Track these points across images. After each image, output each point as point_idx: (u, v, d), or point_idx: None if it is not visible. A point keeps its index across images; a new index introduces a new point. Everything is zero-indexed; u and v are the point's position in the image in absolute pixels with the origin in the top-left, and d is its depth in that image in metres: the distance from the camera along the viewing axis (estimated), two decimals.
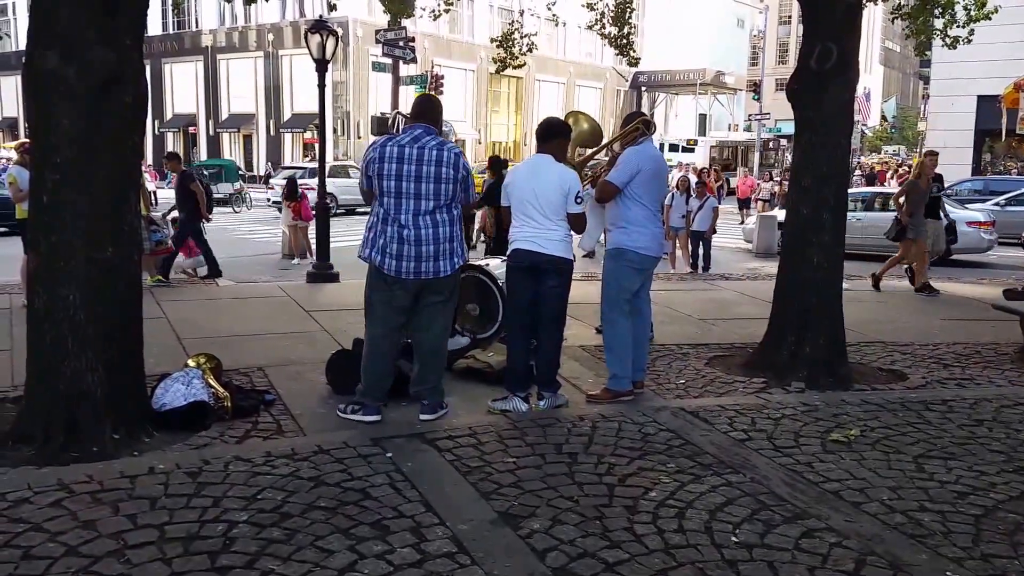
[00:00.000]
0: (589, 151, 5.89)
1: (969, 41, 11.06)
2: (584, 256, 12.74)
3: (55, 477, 3.39)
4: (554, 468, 3.65)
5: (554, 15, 11.11)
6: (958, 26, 10.81)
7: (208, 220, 10.26)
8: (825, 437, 4.17)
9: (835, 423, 4.39)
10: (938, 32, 11.44)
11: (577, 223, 4.54)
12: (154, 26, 39.64)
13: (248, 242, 16.06)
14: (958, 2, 10.63)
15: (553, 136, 4.59)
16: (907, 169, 34.20)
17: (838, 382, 5.25)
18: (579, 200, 4.46)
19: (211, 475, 3.46)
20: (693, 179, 13.68)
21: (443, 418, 4.33)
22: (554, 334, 4.62)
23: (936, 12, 10.69)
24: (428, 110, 4.36)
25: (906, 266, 9.94)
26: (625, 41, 11.34)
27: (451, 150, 4.21)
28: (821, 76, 5.39)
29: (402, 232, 4.11)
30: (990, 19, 10.94)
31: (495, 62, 12.40)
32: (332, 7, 10.07)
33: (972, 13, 10.76)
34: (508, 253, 4.56)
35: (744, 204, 22.11)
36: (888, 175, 31.75)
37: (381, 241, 4.15)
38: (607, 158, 5.58)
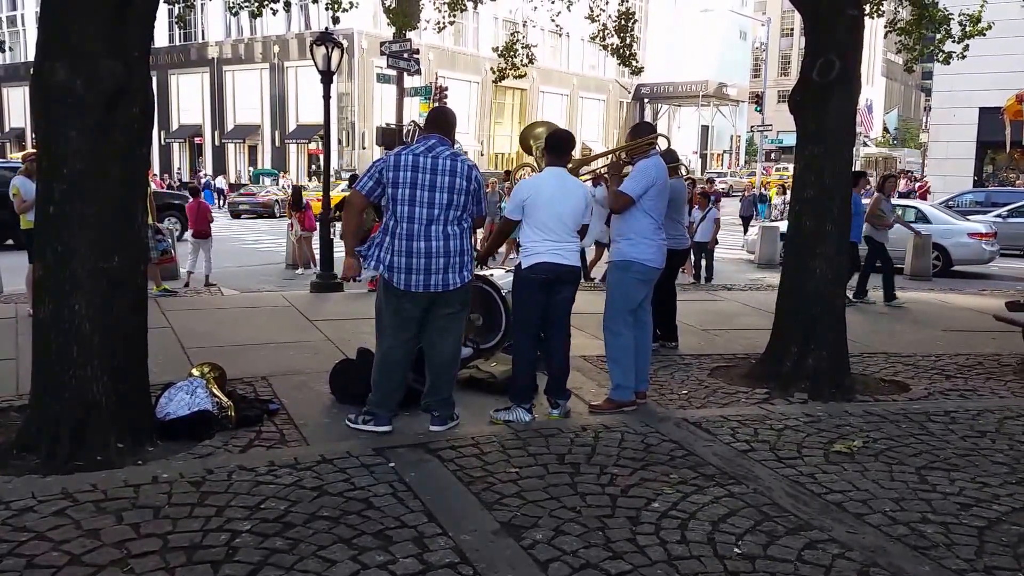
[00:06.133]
0: (593, 154, 5.94)
1: (963, 57, 11.10)
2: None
3: (59, 486, 3.40)
4: (557, 478, 3.66)
5: (558, 27, 11.13)
6: (953, 41, 10.84)
7: None
8: (828, 448, 4.16)
9: (838, 434, 4.39)
10: (932, 48, 11.51)
11: (584, 232, 4.70)
12: (160, 37, 39.91)
13: (253, 252, 16.11)
14: (953, 18, 10.67)
15: (569, 150, 4.73)
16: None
17: (841, 393, 5.25)
18: (591, 211, 4.67)
19: (214, 484, 3.47)
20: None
21: (453, 430, 4.34)
22: (565, 340, 4.69)
23: (932, 27, 10.74)
24: (442, 121, 4.40)
25: None
26: (628, 52, 11.36)
27: (464, 161, 4.24)
28: (823, 88, 5.41)
29: (411, 244, 4.11)
30: (984, 35, 10.97)
31: (493, 72, 12.41)
32: (335, 20, 10.15)
33: (967, 29, 10.79)
34: (527, 266, 4.52)
35: None
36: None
37: (389, 256, 4.15)
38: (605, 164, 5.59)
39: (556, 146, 4.67)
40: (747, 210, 19.24)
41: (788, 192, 20.55)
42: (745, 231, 18.37)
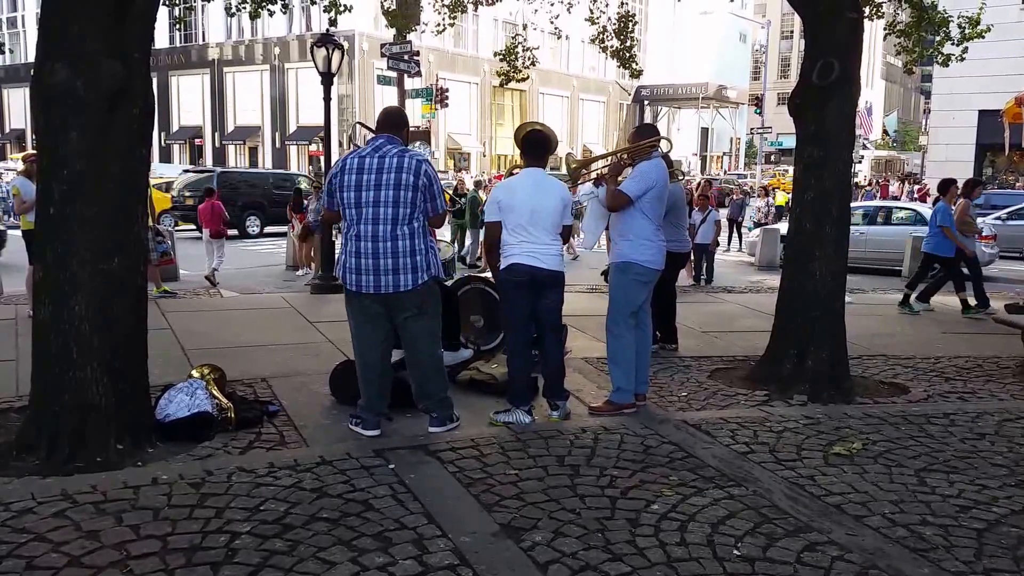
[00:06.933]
0: (596, 155, 5.93)
1: (962, 59, 11.14)
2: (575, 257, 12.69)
3: (59, 487, 3.40)
4: (556, 480, 3.66)
5: (557, 29, 11.15)
6: (952, 43, 10.87)
7: None
8: (827, 450, 4.17)
9: (837, 436, 4.39)
10: (932, 50, 11.55)
11: (568, 233, 4.69)
12: (161, 39, 39.94)
13: (253, 253, 16.11)
14: (952, 20, 10.70)
15: (548, 151, 4.71)
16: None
17: (840, 395, 5.25)
18: (573, 212, 4.66)
19: (214, 486, 3.47)
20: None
21: (453, 431, 4.33)
22: (557, 343, 4.69)
23: (931, 30, 10.77)
24: (389, 120, 4.30)
25: None
26: (628, 54, 11.37)
27: (413, 157, 4.13)
28: (823, 90, 5.42)
29: (359, 245, 4.06)
30: (983, 37, 11.00)
31: (498, 75, 12.45)
32: (333, 23, 10.17)
33: (966, 31, 10.82)
34: (503, 267, 4.51)
35: None
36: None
37: (343, 257, 4.15)
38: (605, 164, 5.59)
39: (532, 147, 4.64)
40: (734, 213, 19.32)
41: (770, 195, 20.70)
42: (731, 234, 18.39)
